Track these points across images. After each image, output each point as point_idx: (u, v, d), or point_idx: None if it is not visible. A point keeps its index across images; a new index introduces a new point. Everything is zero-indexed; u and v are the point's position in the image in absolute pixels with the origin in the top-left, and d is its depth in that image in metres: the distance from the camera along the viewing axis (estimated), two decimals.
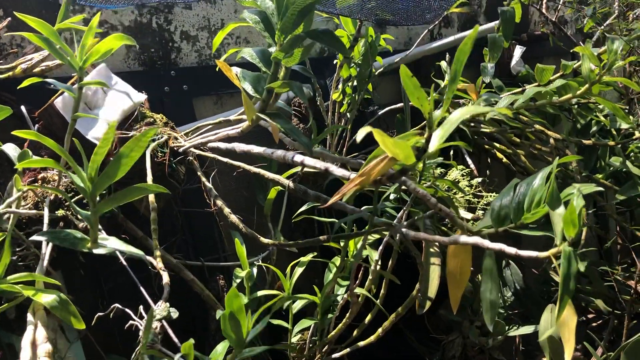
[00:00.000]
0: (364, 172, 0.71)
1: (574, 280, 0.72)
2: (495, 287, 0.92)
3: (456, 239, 0.87)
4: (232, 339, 0.73)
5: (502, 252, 0.80)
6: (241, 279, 1.25)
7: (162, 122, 1.17)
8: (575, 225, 0.73)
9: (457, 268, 0.96)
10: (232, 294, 0.69)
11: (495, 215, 0.93)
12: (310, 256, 1.32)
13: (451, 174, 1.53)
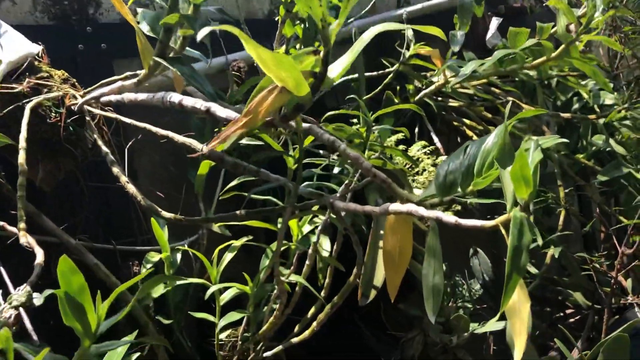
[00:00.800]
0: (249, 109, 0.53)
1: (525, 254, 0.55)
2: (439, 269, 0.75)
3: (385, 207, 0.69)
4: (78, 331, 0.55)
5: (440, 220, 0.63)
6: (153, 264, 1.08)
7: (61, 78, 1.00)
8: (529, 183, 0.56)
9: (396, 247, 0.79)
10: (66, 268, 0.51)
11: (440, 182, 0.76)
12: (244, 239, 1.14)
13: (412, 150, 1.36)
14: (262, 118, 0.51)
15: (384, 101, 1.22)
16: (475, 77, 1.30)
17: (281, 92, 0.49)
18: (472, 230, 0.63)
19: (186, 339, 1.17)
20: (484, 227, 0.60)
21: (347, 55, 0.50)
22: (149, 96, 0.74)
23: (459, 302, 1.35)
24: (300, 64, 0.48)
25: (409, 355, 1.31)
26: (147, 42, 0.81)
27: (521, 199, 0.57)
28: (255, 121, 0.51)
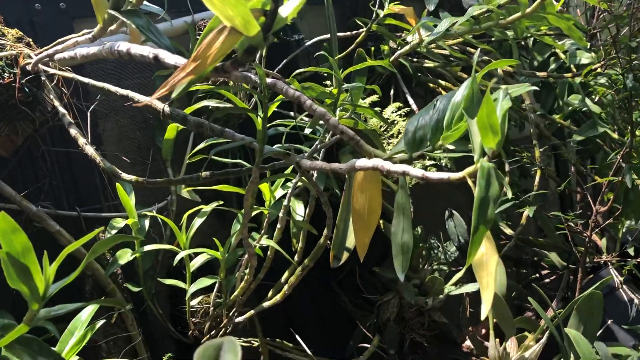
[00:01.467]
0: (197, 53, 0.50)
1: (492, 206, 0.53)
2: (408, 227, 0.73)
3: (352, 164, 0.67)
4: (25, 293, 0.52)
5: (407, 174, 0.61)
6: (118, 230, 1.04)
7: (14, 37, 0.95)
8: (497, 132, 0.53)
9: (365, 206, 0.76)
10: (7, 228, 0.48)
11: (410, 137, 0.74)
12: (214, 204, 1.12)
13: (386, 112, 1.33)
14: (212, 63, 0.48)
15: (355, 59, 1.18)
16: (450, 35, 1.27)
17: (230, 33, 0.45)
18: (444, 190, 0.61)
19: (157, 306, 1.15)
20: (451, 180, 0.58)
21: None
22: (98, 48, 0.70)
23: (434, 264, 1.34)
24: (248, 1, 0.45)
25: (384, 318, 1.30)
26: None
27: (489, 149, 0.55)
28: (204, 66, 0.48)
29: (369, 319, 1.33)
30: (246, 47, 0.48)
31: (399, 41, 1.46)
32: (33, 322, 0.52)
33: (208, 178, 0.86)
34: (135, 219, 1.05)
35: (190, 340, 1.15)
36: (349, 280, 1.41)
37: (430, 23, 1.32)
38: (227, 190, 1.06)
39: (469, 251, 0.52)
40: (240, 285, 1.01)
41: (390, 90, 1.53)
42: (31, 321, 0.52)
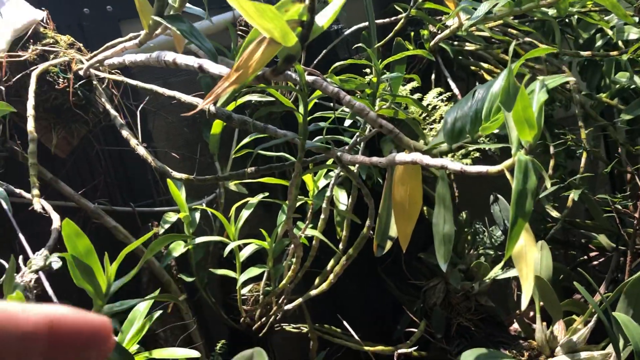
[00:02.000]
0: (239, 64, 0.52)
1: (530, 198, 0.54)
2: (449, 218, 0.74)
3: (391, 157, 0.68)
4: (90, 291, 0.56)
5: (445, 168, 0.62)
6: (171, 224, 1.09)
7: (66, 43, 0.99)
8: (533, 125, 0.54)
9: (406, 197, 0.78)
10: (71, 232, 0.52)
11: (449, 128, 0.75)
12: (260, 196, 1.15)
13: (427, 97, 1.33)
14: (253, 72, 0.50)
15: (394, 48, 1.18)
16: (490, 18, 1.26)
17: (269, 44, 0.47)
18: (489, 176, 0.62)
19: (210, 295, 1.20)
20: (489, 173, 0.59)
21: (335, 1, 0.48)
22: (146, 56, 0.73)
23: (480, 249, 1.34)
24: (285, 14, 0.47)
25: (431, 303, 1.32)
26: (146, 1, 0.80)
27: (525, 142, 0.55)
28: (246, 76, 0.50)
29: (415, 304, 1.35)
30: (285, 56, 0.50)
31: (438, 25, 1.45)
32: None
33: (253, 173, 0.89)
34: (186, 213, 1.10)
35: (242, 327, 1.20)
36: (395, 266, 1.43)
37: (470, 7, 1.30)
38: (272, 182, 1.10)
39: (508, 244, 0.53)
40: (287, 274, 1.05)
41: (431, 75, 1.52)
42: None
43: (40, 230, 0.92)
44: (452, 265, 1.31)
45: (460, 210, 1.42)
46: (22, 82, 0.92)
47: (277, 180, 1.09)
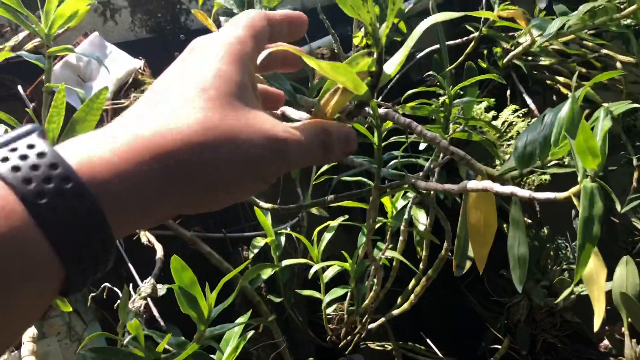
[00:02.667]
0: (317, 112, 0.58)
1: (597, 224, 0.56)
2: (523, 240, 0.76)
3: (463, 185, 0.72)
4: (194, 317, 0.64)
5: (514, 195, 0.65)
6: (259, 248, 1.17)
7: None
8: (596, 154, 0.56)
9: (480, 221, 0.81)
10: (177, 266, 0.60)
11: (519, 153, 0.77)
12: (340, 219, 1.21)
13: (502, 115, 1.34)
14: (330, 118, 0.56)
15: (465, 72, 1.21)
16: (563, 33, 1.26)
17: (343, 93, 0.53)
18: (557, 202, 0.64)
19: (297, 314, 1.27)
20: (557, 199, 0.62)
21: (401, 51, 0.53)
22: None
23: (563, 264, 1.33)
24: (355, 66, 0.52)
25: (514, 320, 1.32)
26: None
27: (590, 170, 0.58)
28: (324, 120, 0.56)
29: (499, 321, 1.36)
30: (357, 102, 0.55)
31: (511, 43, 1.46)
32: (201, 341, 0.64)
33: (333, 200, 0.95)
34: (272, 237, 1.17)
35: (328, 345, 1.25)
36: (477, 283, 1.44)
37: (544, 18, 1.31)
38: (351, 205, 1.15)
39: (577, 268, 0.56)
40: (370, 294, 1.09)
41: (506, 91, 1.53)
42: (199, 340, 0.64)
43: (143, 258, 1.03)
44: (535, 281, 1.31)
45: (542, 225, 1.42)
46: None
47: (356, 203, 1.14)
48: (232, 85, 0.33)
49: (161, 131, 0.29)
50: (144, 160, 0.28)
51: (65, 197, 0.26)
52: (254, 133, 0.32)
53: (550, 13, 1.46)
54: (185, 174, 0.30)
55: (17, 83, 1.10)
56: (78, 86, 1.06)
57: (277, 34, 0.41)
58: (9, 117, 0.75)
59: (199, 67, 0.33)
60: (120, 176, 0.28)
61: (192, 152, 0.30)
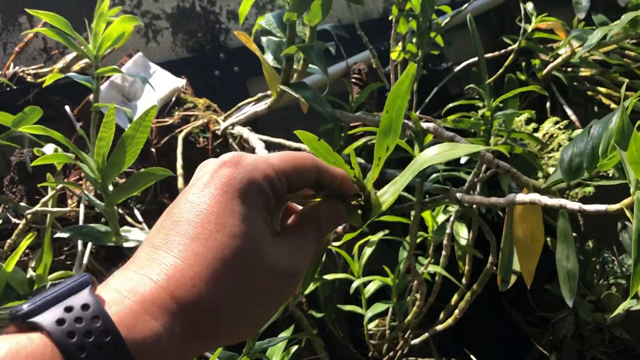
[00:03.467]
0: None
1: None
2: (572, 254, 0.75)
3: (510, 198, 0.72)
4: None
5: (563, 207, 0.64)
6: None
7: (204, 106, 1.12)
8: None
9: (527, 234, 0.80)
10: None
11: (566, 166, 0.76)
12: (380, 234, 1.20)
13: (543, 127, 1.33)
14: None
15: (505, 85, 1.20)
16: (604, 44, 1.24)
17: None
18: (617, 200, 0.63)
19: (338, 330, 1.26)
20: (608, 211, 0.61)
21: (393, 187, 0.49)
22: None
23: (610, 279, 1.30)
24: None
25: (560, 336, 1.29)
26: (273, 71, 0.89)
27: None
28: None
29: (544, 337, 1.33)
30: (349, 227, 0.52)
31: (551, 54, 1.45)
32: (250, 354, 0.64)
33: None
34: None
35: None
36: (521, 298, 1.42)
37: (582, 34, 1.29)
38: (391, 220, 1.15)
39: (632, 282, 0.54)
40: (412, 310, 1.08)
41: (546, 102, 1.51)
42: (249, 354, 0.64)
43: None
44: (581, 296, 1.28)
45: (587, 238, 1.39)
46: (169, 143, 1.06)
47: (396, 217, 1.14)
48: (255, 240, 0.36)
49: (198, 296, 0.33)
50: (181, 322, 0.32)
51: (105, 350, 0.28)
52: (277, 279, 0.37)
53: (589, 23, 1.44)
54: (220, 328, 0.34)
55: (64, 103, 1.14)
56: (123, 105, 1.09)
57: (326, 184, 0.44)
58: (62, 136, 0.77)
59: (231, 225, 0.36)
60: (157, 335, 0.31)
61: (225, 310, 0.34)
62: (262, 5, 1.37)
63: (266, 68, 0.87)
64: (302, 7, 0.78)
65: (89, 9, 1.21)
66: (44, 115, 0.88)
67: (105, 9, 0.89)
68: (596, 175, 0.72)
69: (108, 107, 0.75)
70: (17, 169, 1.04)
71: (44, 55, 1.19)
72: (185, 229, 0.35)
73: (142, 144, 0.75)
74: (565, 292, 0.75)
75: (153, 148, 1.05)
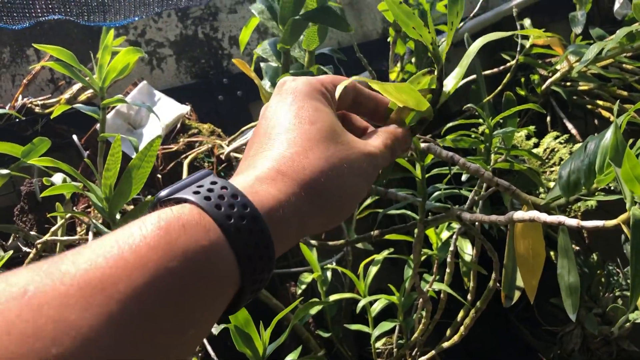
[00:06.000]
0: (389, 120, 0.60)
1: None
2: (573, 269, 0.76)
3: (510, 216, 0.73)
4: (249, 355, 0.66)
5: (562, 224, 0.66)
6: (307, 284, 1.18)
7: (208, 131, 1.14)
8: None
9: (528, 250, 0.81)
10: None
11: (564, 182, 0.78)
12: (385, 253, 1.22)
13: (544, 142, 1.34)
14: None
15: (503, 103, 1.22)
16: (601, 58, 1.26)
17: (406, 111, 0.55)
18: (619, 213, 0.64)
19: (346, 349, 1.27)
20: (606, 227, 0.62)
21: (458, 69, 0.56)
22: None
23: (616, 291, 1.30)
24: (417, 85, 0.55)
25: (568, 349, 1.29)
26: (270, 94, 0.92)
27: (639, 197, 0.58)
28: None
29: (552, 351, 1.33)
30: (419, 119, 0.57)
31: (549, 69, 1.47)
32: None
33: (379, 235, 0.96)
34: (319, 272, 1.18)
35: None
36: (527, 312, 1.42)
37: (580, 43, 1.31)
38: (396, 238, 1.16)
39: (630, 297, 0.55)
40: (419, 327, 1.09)
41: (546, 117, 1.53)
42: None
43: None
44: (587, 309, 1.28)
45: (591, 250, 1.39)
46: (174, 170, 1.08)
47: (401, 236, 1.15)
48: (329, 125, 0.43)
49: (301, 167, 0.39)
50: (294, 191, 0.38)
51: (246, 219, 0.33)
52: (356, 154, 0.43)
53: (586, 37, 1.46)
54: (325, 195, 0.40)
55: (72, 132, 1.16)
56: (129, 133, 1.11)
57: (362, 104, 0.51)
58: (69, 167, 0.79)
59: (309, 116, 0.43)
60: (281, 204, 0.36)
61: (325, 179, 0.40)
62: (263, 31, 1.39)
63: (263, 93, 0.89)
64: (292, 38, 0.81)
65: (94, 39, 1.24)
66: (52, 145, 0.91)
67: (110, 41, 0.91)
68: (595, 190, 0.73)
69: (114, 139, 0.77)
70: (27, 199, 1.06)
71: (51, 86, 1.22)
72: (272, 132, 0.41)
73: (148, 173, 0.77)
74: (567, 306, 0.76)
75: (159, 174, 1.07)
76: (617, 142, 0.64)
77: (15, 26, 1.10)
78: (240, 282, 0.33)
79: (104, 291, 0.27)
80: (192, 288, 0.30)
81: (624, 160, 0.55)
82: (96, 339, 0.25)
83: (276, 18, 0.84)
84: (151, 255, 0.29)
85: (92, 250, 0.29)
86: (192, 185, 0.35)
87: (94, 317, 0.26)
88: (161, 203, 0.34)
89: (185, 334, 0.30)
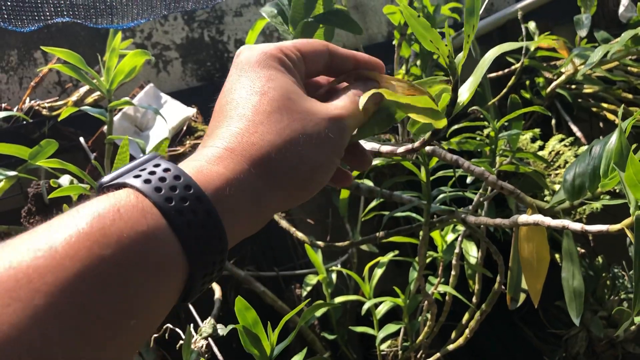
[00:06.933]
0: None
1: None
2: (577, 273, 0.76)
3: (514, 219, 0.73)
4: (256, 355, 0.66)
5: (566, 228, 0.66)
6: (312, 286, 1.19)
7: None
8: None
9: (533, 254, 0.81)
10: (241, 307, 0.62)
11: (569, 186, 0.78)
12: (390, 255, 1.22)
13: (549, 144, 1.34)
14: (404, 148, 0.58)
15: (508, 106, 1.22)
16: (605, 61, 1.26)
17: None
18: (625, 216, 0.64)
19: (351, 351, 1.27)
20: (610, 231, 0.62)
21: (472, 78, 0.56)
22: None
23: (621, 294, 1.30)
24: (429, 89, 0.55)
25: (573, 352, 1.29)
26: None
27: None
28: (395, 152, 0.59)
29: (556, 353, 1.33)
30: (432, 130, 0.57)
31: (554, 72, 1.47)
32: None
33: (383, 237, 0.97)
34: (324, 274, 1.19)
35: None
36: (532, 315, 1.42)
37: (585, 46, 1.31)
38: (401, 240, 1.16)
39: (634, 301, 0.56)
40: (424, 330, 1.09)
41: (551, 120, 1.53)
42: None
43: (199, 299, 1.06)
44: (593, 312, 1.28)
45: (597, 253, 1.39)
46: None
47: (406, 238, 1.16)
48: (282, 93, 0.39)
49: (249, 142, 0.36)
50: (242, 168, 0.35)
51: (189, 201, 0.32)
52: (316, 121, 0.39)
53: (591, 39, 1.46)
54: (279, 170, 0.37)
55: (79, 134, 1.17)
56: (135, 135, 1.12)
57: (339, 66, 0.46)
58: (77, 169, 0.80)
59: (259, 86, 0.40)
60: (229, 182, 0.34)
61: (277, 153, 0.37)
62: (269, 33, 1.40)
63: None
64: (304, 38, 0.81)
65: (100, 42, 1.25)
66: (59, 147, 0.91)
67: (117, 43, 0.92)
68: (599, 194, 0.73)
69: (122, 141, 0.78)
70: (34, 200, 1.07)
71: (58, 88, 1.23)
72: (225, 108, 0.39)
73: None
74: (571, 310, 0.76)
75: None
76: (621, 146, 0.64)
77: (23, 29, 1.10)
78: (189, 266, 0.31)
79: (30, 284, 0.25)
80: (129, 275, 0.28)
81: (628, 164, 0.55)
82: (19, 337, 0.24)
83: (287, 20, 0.84)
84: (83, 242, 0.27)
85: (22, 241, 0.27)
86: (134, 170, 0.33)
87: (16, 313, 0.24)
88: (103, 189, 0.33)
89: (126, 325, 0.28)
